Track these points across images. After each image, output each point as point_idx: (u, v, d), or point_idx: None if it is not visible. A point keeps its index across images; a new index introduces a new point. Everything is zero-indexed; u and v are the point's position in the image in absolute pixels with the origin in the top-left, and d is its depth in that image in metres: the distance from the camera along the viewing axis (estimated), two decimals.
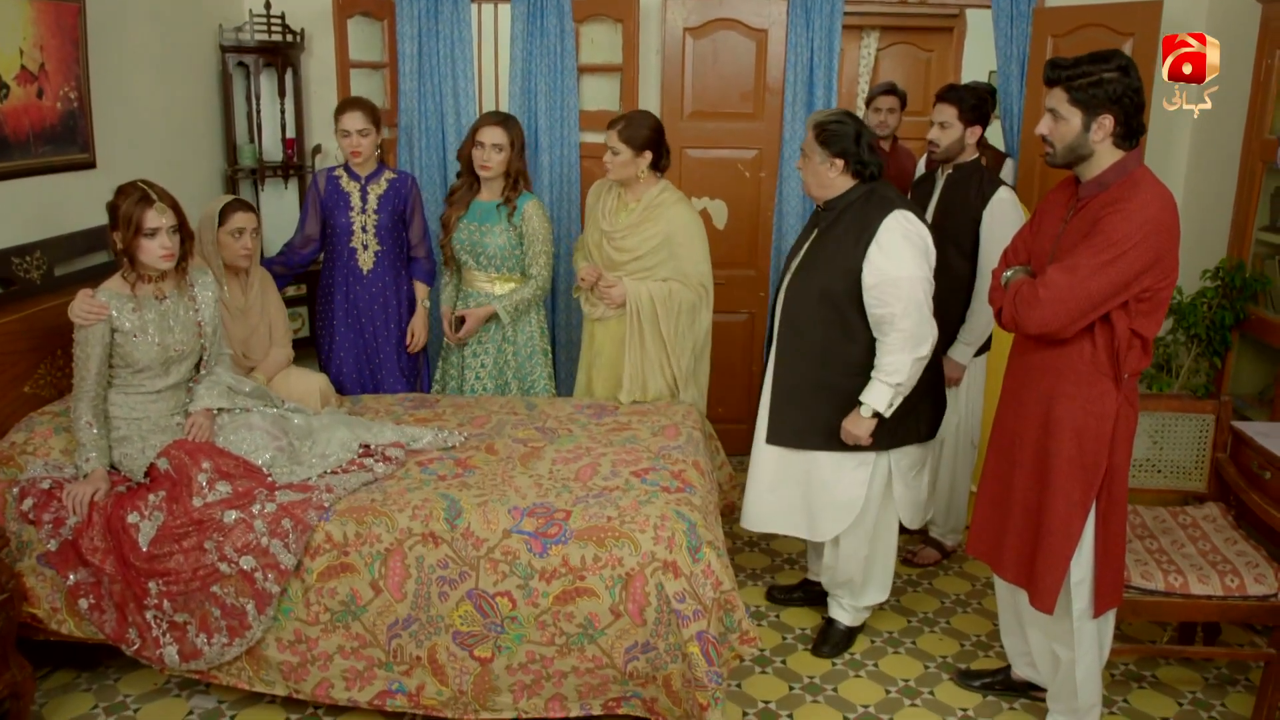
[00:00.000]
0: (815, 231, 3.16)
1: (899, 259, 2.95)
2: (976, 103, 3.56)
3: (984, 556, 2.88)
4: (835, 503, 3.17)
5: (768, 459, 3.24)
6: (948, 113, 3.56)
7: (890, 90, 4.76)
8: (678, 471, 3.07)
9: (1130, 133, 2.49)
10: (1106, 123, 2.47)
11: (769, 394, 3.21)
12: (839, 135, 3.03)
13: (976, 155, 3.67)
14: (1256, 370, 4.14)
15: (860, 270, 2.98)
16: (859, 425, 3.03)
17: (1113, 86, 2.44)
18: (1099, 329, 2.53)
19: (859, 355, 3.04)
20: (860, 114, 5.46)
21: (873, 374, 2.99)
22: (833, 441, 3.10)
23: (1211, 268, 4.11)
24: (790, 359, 3.15)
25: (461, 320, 3.78)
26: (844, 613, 3.39)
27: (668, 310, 3.60)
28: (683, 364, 3.70)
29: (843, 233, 3.04)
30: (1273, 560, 2.89)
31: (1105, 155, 2.52)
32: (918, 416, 3.14)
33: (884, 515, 3.24)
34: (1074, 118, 2.49)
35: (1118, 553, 2.67)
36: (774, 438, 3.20)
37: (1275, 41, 3.86)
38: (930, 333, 2.98)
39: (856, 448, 3.08)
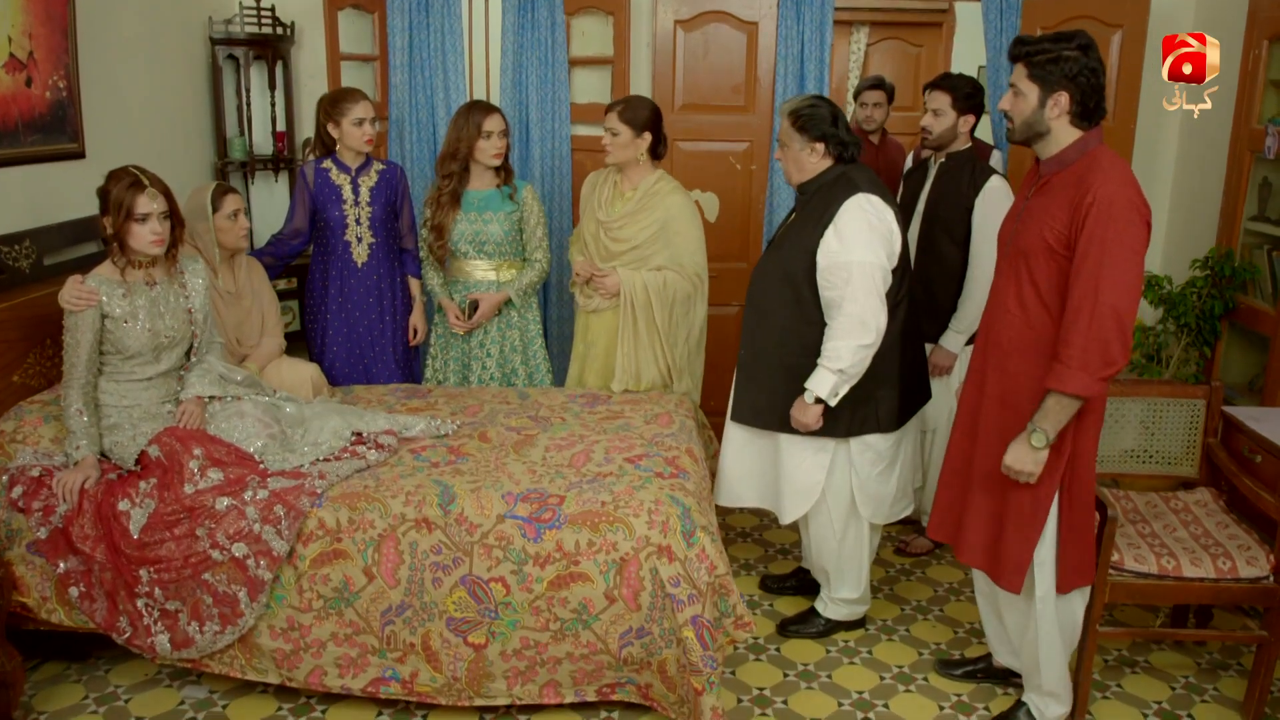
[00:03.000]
0: (793, 215, 3.19)
1: (852, 243, 2.94)
2: (971, 91, 3.58)
3: (946, 539, 2.89)
4: (795, 486, 3.18)
5: (737, 436, 3.27)
6: (941, 100, 3.57)
7: (878, 84, 4.77)
8: (671, 458, 3.07)
9: (1087, 112, 2.51)
10: (1062, 100, 2.50)
11: (736, 373, 3.25)
12: (816, 119, 3.04)
13: (969, 145, 3.68)
14: (1246, 359, 4.16)
15: (816, 252, 2.99)
16: (805, 412, 3.03)
17: (1070, 65, 2.48)
18: (1057, 306, 2.53)
19: (816, 337, 3.03)
20: (848, 108, 5.48)
21: (818, 360, 2.99)
22: (790, 423, 3.11)
23: (1200, 257, 4.13)
24: (752, 339, 3.17)
25: (474, 307, 3.78)
26: (821, 603, 3.40)
27: (662, 299, 3.58)
28: (677, 353, 3.69)
29: (809, 214, 3.07)
30: (1264, 543, 2.90)
31: (1062, 133, 2.54)
32: (875, 405, 3.09)
33: (852, 508, 3.22)
34: (1032, 93, 2.54)
35: (1085, 532, 2.67)
36: (737, 415, 3.23)
37: (1263, 32, 3.89)
38: (877, 322, 2.94)
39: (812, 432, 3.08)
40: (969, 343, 3.71)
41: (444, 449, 3.13)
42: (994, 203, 3.54)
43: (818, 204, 3.05)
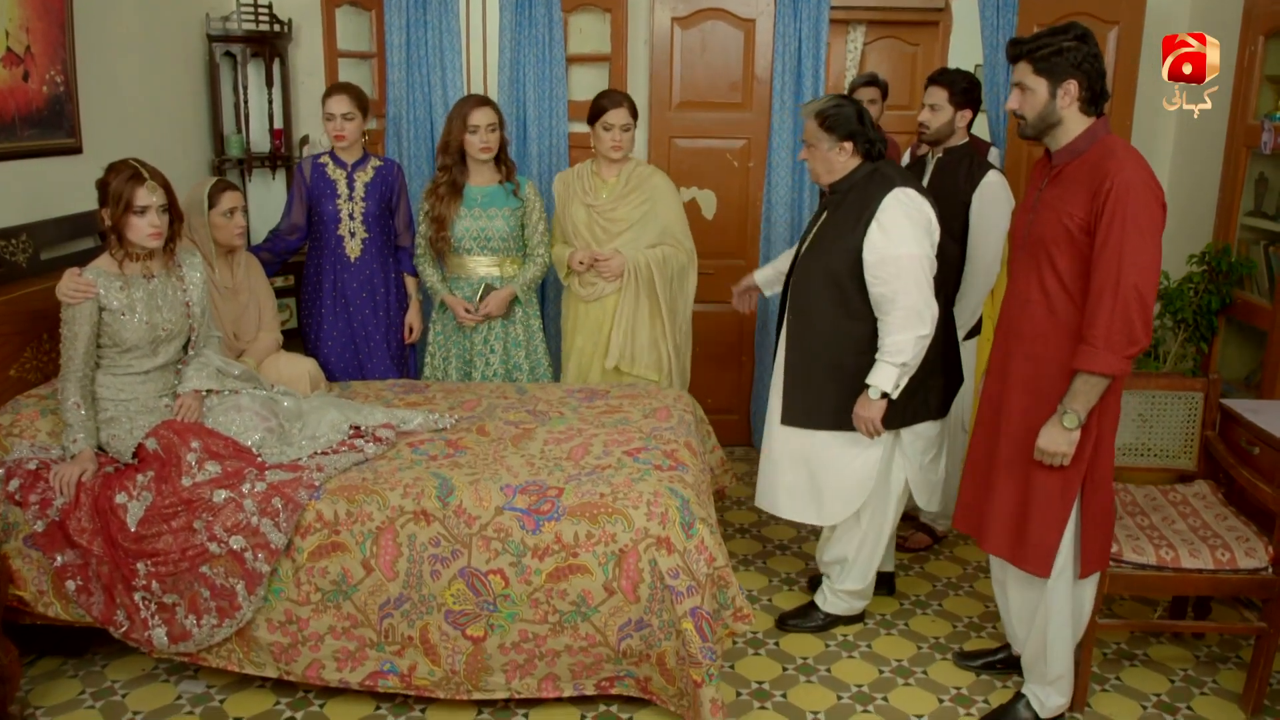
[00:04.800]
0: (824, 215, 3.18)
1: (899, 237, 2.96)
2: (968, 86, 3.58)
3: (970, 530, 2.89)
4: (844, 485, 3.17)
5: (780, 441, 3.25)
6: (939, 95, 3.57)
7: (872, 81, 4.77)
8: (670, 451, 3.06)
9: (1094, 97, 2.57)
10: (1072, 88, 2.56)
11: (780, 376, 3.23)
12: (843, 118, 3.05)
13: (966, 140, 3.69)
14: (1243, 354, 4.16)
15: (861, 249, 2.99)
16: (869, 408, 3.02)
17: (1073, 54, 2.54)
18: (1080, 292, 2.57)
19: (864, 334, 3.05)
20: None
21: (877, 355, 3.00)
22: (842, 421, 3.10)
23: (1197, 252, 4.14)
24: (798, 341, 3.17)
25: (487, 290, 3.80)
26: (822, 596, 3.40)
27: (663, 272, 3.70)
28: (679, 327, 3.79)
29: (846, 213, 3.07)
30: (1262, 535, 2.90)
31: (1074, 122, 2.59)
32: (926, 392, 3.15)
33: (880, 499, 3.23)
34: (1040, 87, 2.59)
35: (1106, 516, 2.68)
36: (787, 418, 3.21)
37: (1258, 28, 3.90)
38: (932, 311, 2.98)
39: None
40: (968, 337, 3.72)
41: (442, 442, 3.12)
42: (991, 197, 3.54)
43: (854, 202, 3.05)
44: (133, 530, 2.76)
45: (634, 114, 3.72)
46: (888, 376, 2.97)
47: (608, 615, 2.71)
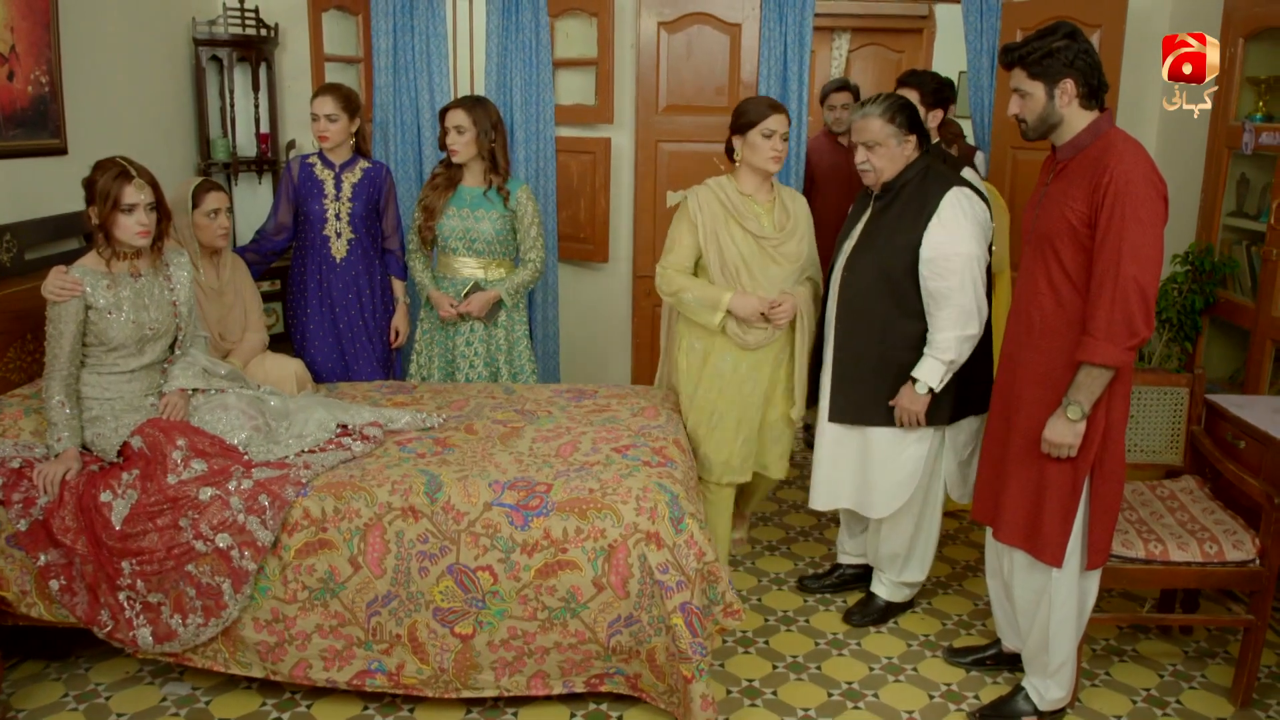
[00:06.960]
0: (869, 212, 3.20)
1: (958, 235, 3.00)
2: (937, 86, 3.63)
3: (986, 520, 2.91)
4: (893, 480, 3.21)
5: (830, 438, 3.28)
6: (909, 97, 3.60)
7: (843, 86, 4.82)
8: (658, 448, 3.06)
9: (1092, 91, 2.60)
10: (1068, 86, 2.59)
11: (829, 373, 3.25)
12: (907, 113, 3.10)
13: (937, 140, 3.72)
14: (1227, 354, 4.19)
15: (919, 246, 3.02)
16: (915, 401, 3.06)
17: (1064, 53, 2.57)
18: (1085, 285, 2.59)
19: (914, 329, 3.08)
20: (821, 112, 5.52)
21: (926, 350, 3.04)
22: (893, 417, 3.14)
23: (1181, 253, 4.17)
24: (850, 338, 3.19)
25: (475, 287, 3.77)
26: (883, 587, 3.42)
27: (812, 309, 3.42)
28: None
29: (901, 210, 3.09)
30: (1249, 528, 2.92)
31: (1075, 118, 2.63)
32: (973, 387, 3.19)
33: (931, 492, 3.28)
34: (1037, 90, 2.63)
35: (1114, 508, 2.70)
36: (835, 415, 3.24)
37: (1238, 30, 3.94)
38: (982, 312, 3.02)
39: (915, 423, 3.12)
40: None
41: (430, 440, 3.11)
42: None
43: (910, 199, 3.08)
44: (117, 529, 2.73)
45: (789, 120, 3.34)
46: (935, 372, 3.01)
47: (597, 611, 2.69)
